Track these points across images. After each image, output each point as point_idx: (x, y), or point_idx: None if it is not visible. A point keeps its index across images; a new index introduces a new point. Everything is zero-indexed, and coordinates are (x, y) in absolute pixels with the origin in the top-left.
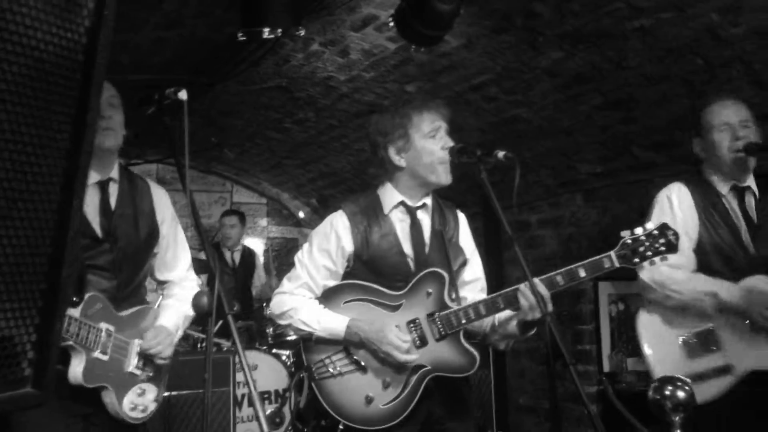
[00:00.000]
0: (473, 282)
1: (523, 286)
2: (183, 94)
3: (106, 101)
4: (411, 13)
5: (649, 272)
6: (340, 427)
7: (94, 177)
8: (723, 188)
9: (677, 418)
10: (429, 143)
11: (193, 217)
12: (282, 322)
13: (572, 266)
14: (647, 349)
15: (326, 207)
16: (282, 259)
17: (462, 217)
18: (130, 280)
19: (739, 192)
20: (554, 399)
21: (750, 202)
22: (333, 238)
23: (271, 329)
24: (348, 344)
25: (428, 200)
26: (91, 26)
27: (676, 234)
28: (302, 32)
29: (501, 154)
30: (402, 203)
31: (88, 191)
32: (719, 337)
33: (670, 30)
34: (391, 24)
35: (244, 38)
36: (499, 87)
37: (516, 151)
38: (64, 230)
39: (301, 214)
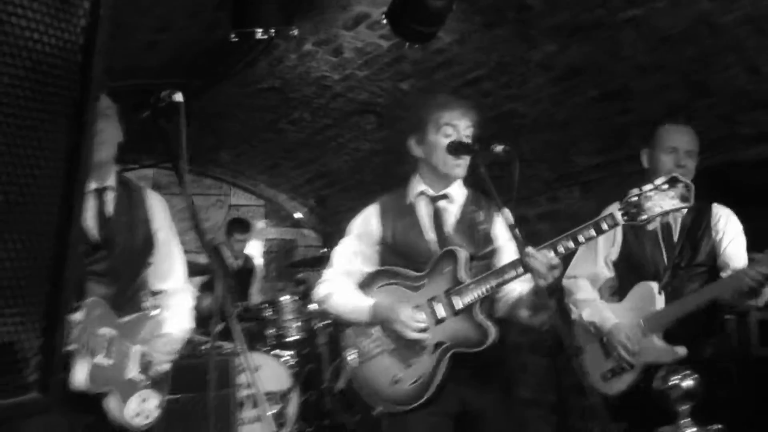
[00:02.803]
0: None
1: (530, 248)
2: (178, 96)
3: (99, 113)
4: (403, 10)
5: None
6: (380, 409)
7: (90, 185)
8: None
9: (684, 408)
10: (440, 138)
11: (193, 219)
12: (321, 308)
13: (573, 231)
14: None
15: (324, 207)
16: (281, 260)
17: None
18: (128, 286)
19: None
20: (560, 392)
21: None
22: (363, 226)
23: (272, 330)
24: (373, 326)
25: (452, 190)
26: (87, 26)
27: (687, 186)
28: (296, 32)
29: (499, 148)
30: (423, 192)
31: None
32: None
33: (663, 19)
34: (384, 22)
35: (237, 39)
36: (494, 82)
37: (513, 145)
38: (67, 229)
39: (299, 215)
